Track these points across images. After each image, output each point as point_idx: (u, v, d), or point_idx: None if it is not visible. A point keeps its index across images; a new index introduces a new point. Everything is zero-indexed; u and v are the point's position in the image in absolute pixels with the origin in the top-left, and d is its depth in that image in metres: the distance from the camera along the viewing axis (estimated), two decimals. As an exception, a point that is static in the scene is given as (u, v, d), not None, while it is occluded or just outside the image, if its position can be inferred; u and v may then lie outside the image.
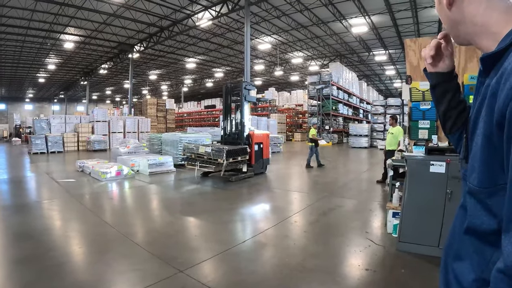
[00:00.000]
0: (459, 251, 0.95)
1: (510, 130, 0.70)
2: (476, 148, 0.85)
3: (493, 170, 0.80)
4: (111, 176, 9.39)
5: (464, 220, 0.94)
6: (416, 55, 4.66)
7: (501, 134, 0.73)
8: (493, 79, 0.80)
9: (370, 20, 20.46)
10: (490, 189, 0.81)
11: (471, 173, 0.87)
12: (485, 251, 0.85)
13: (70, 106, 54.21)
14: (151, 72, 37.82)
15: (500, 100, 0.73)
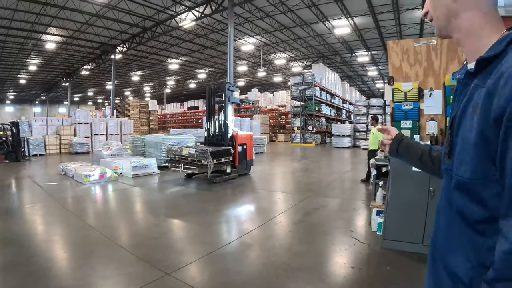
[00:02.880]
0: (449, 244, 1.02)
1: (508, 126, 0.79)
2: (466, 143, 0.92)
3: (485, 162, 0.87)
4: (94, 179, 9.24)
5: (449, 214, 1.01)
6: (398, 57, 4.74)
7: (497, 130, 0.82)
8: (482, 80, 0.91)
9: (353, 22, 20.68)
10: (482, 180, 0.88)
11: (459, 167, 0.95)
12: (477, 240, 0.91)
13: (52, 108, 53.36)
14: (134, 73, 37.50)
15: (500, 99, 0.81)
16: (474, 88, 0.94)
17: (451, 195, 1.00)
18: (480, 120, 0.86)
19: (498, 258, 0.80)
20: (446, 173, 1.05)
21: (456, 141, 0.98)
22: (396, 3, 17.32)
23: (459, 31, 1.02)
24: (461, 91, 1.02)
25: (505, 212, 0.81)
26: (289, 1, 18.24)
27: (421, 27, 20.51)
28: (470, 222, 0.93)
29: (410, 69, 4.67)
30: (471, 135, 0.90)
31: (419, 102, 4.62)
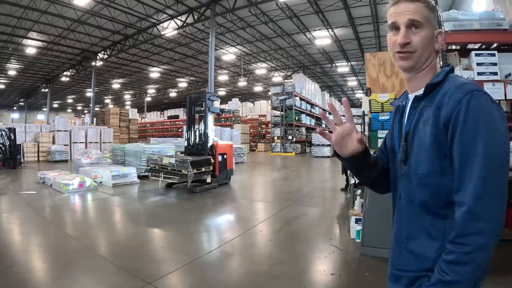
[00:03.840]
0: (414, 233, 1.23)
1: (453, 127, 1.08)
2: (421, 147, 1.18)
3: (439, 158, 1.14)
4: (74, 188, 9.09)
5: (412, 209, 1.24)
6: (375, 69, 4.89)
7: (445, 132, 1.11)
8: (428, 102, 1.20)
9: (333, 33, 21.05)
10: (438, 173, 1.15)
11: (417, 168, 1.20)
12: (440, 224, 1.16)
13: (30, 114, 52.30)
14: (114, 80, 37.16)
15: (447, 110, 1.10)
16: (423, 108, 1.22)
17: (412, 194, 1.24)
18: (433, 128, 1.14)
19: (459, 219, 1.04)
20: (404, 178, 1.27)
21: (411, 150, 1.22)
22: (375, 15, 17.71)
23: (426, 67, 1.27)
24: (410, 112, 1.29)
25: (457, 187, 1.08)
26: (270, 12, 18.46)
27: (399, 39, 20.95)
28: (433, 210, 1.18)
29: (386, 80, 4.83)
30: (426, 140, 1.16)
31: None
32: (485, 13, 5.21)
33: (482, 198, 1.02)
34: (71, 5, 16.61)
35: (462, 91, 1.11)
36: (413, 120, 1.24)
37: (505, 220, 3.41)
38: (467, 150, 1.06)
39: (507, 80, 4.70)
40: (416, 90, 1.29)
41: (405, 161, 1.24)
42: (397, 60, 1.27)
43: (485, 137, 1.05)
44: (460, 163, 1.07)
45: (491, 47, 5.25)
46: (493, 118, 1.08)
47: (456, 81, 1.18)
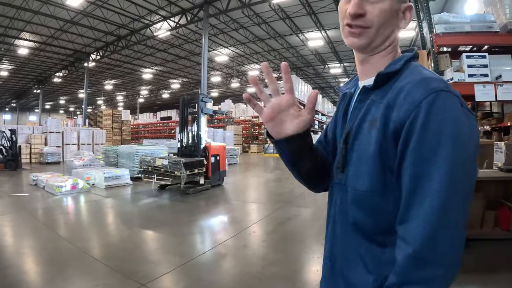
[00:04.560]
0: (348, 256, 1.00)
1: (406, 137, 0.83)
2: (363, 156, 0.93)
3: (383, 173, 0.89)
4: (66, 190, 9.06)
5: (346, 225, 1.01)
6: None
7: (395, 141, 0.86)
8: (379, 96, 0.94)
9: (326, 34, 21.13)
10: (380, 192, 0.90)
11: (357, 181, 0.95)
12: (376, 252, 0.93)
13: (22, 115, 51.90)
14: (107, 82, 37.01)
15: (400, 112, 0.84)
16: (371, 104, 0.96)
17: (346, 208, 1.00)
18: (380, 133, 0.88)
19: (402, 262, 0.81)
20: (339, 187, 1.04)
21: (351, 155, 0.98)
22: (367, 17, 17.80)
23: (384, 49, 1.00)
24: (356, 106, 1.03)
25: (402, 217, 0.84)
26: (263, 13, 18.50)
27: (391, 40, 21.10)
28: (369, 234, 0.94)
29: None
30: (369, 148, 0.91)
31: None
32: (476, 15, 5.29)
33: (434, 241, 0.78)
34: (63, 6, 16.53)
35: (424, 89, 0.83)
36: (357, 117, 0.99)
37: (497, 220, 3.47)
38: (421, 170, 0.81)
39: (497, 81, 4.76)
40: (368, 77, 1.02)
41: (343, 168, 1.00)
42: (346, 35, 0.99)
43: (448, 156, 0.79)
44: (410, 187, 0.82)
45: (482, 49, 5.32)
46: (462, 130, 0.81)
47: (417, 74, 0.90)
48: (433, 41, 4.94)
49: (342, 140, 1.02)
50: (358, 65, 1.06)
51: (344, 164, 1.00)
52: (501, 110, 9.74)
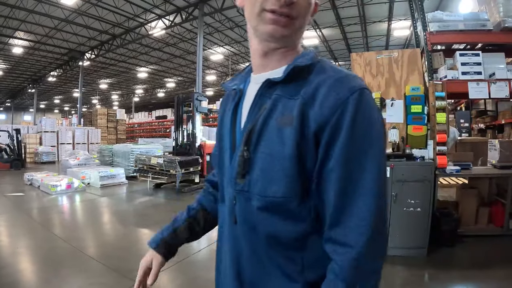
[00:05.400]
0: (262, 272, 0.92)
1: (332, 136, 0.79)
2: (275, 159, 0.84)
3: (299, 177, 0.83)
4: (61, 189, 9.05)
5: (255, 240, 0.92)
6: (361, 68, 4.97)
7: (316, 140, 0.81)
8: (286, 91, 0.87)
9: (321, 33, 21.13)
10: (298, 196, 0.85)
11: (268, 185, 0.86)
12: (295, 258, 0.88)
13: (17, 115, 51.52)
14: (102, 81, 36.82)
15: (325, 109, 0.80)
16: (277, 99, 0.88)
17: (253, 219, 0.91)
18: (297, 132, 0.82)
19: (346, 266, 0.79)
20: (240, 195, 0.92)
21: (256, 157, 0.87)
22: (363, 15, 17.84)
23: (294, 41, 0.94)
24: (256, 102, 0.92)
25: (334, 220, 0.81)
26: (259, 12, 18.45)
27: (387, 39, 21.15)
28: (286, 242, 0.88)
29: (372, 80, 4.90)
30: (283, 149, 0.83)
31: (381, 112, 4.83)
32: (470, 14, 5.34)
33: (374, 239, 0.79)
34: (58, 4, 16.41)
35: (348, 87, 0.82)
36: (260, 115, 0.89)
37: (491, 216, 3.52)
38: (352, 170, 0.79)
39: (491, 79, 4.80)
40: (267, 70, 0.94)
41: (244, 173, 0.90)
42: (267, 22, 0.85)
43: (376, 154, 0.80)
44: (341, 188, 0.80)
45: (476, 47, 5.35)
46: (381, 127, 0.83)
47: (334, 70, 0.88)
48: (427, 39, 4.97)
49: (242, 141, 0.89)
50: (258, 57, 0.96)
51: (246, 169, 0.89)
52: (495, 108, 9.80)
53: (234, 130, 0.96)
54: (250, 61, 1.02)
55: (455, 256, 4.33)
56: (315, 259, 0.87)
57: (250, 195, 0.89)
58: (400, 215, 4.24)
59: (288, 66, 0.88)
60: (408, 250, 4.26)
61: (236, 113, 0.98)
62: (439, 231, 4.45)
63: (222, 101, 1.14)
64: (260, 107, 0.90)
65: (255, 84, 0.96)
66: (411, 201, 4.22)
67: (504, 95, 4.80)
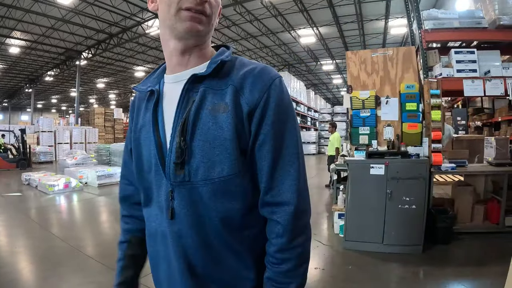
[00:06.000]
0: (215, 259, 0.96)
1: (261, 116, 0.92)
2: (215, 141, 0.91)
3: (240, 155, 0.92)
4: (59, 189, 9.05)
5: (202, 226, 0.94)
6: (356, 66, 4.97)
7: (248, 122, 0.92)
8: (213, 84, 0.95)
9: (318, 31, 21.13)
10: (240, 172, 0.93)
11: (212, 169, 0.91)
12: (244, 235, 0.97)
13: (14, 115, 51.33)
14: (99, 80, 36.72)
15: (254, 94, 0.92)
16: (206, 91, 0.95)
17: (199, 208, 0.94)
18: (233, 116, 0.91)
19: (286, 221, 0.91)
20: (181, 188, 0.94)
21: (194, 146, 0.92)
22: (360, 13, 17.85)
23: (207, 38, 1.02)
24: (183, 97, 0.96)
25: (269, 185, 0.93)
26: (255, 11, 18.46)
27: (384, 37, 21.18)
28: (236, 221, 0.95)
29: (367, 78, 4.91)
30: (222, 133, 0.90)
31: (376, 109, 4.85)
32: (465, 12, 5.35)
33: (302, 194, 0.94)
34: (55, 4, 16.35)
35: (269, 75, 0.95)
36: (191, 106, 0.94)
37: (486, 213, 3.55)
38: (280, 142, 0.93)
39: (486, 77, 4.82)
40: (190, 67, 1.00)
41: (183, 164, 0.93)
42: (185, 19, 0.92)
43: (294, 127, 0.96)
44: (273, 157, 0.92)
45: (471, 45, 5.37)
46: (292, 107, 0.99)
47: (253, 63, 1.00)
48: (422, 37, 4.98)
49: (177, 134, 0.93)
50: (177, 57, 1.00)
51: (183, 158, 0.92)
52: (491, 105, 9.81)
53: (157, 129, 1.00)
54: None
55: (450, 253, 4.35)
56: (257, 232, 0.98)
57: (192, 184, 0.92)
58: (395, 212, 4.26)
59: (212, 61, 0.98)
60: (403, 247, 4.28)
61: (156, 112, 1.01)
62: (435, 228, 4.47)
63: (133, 105, 1.17)
64: (188, 101, 0.95)
65: (174, 82, 1.02)
66: (406, 199, 4.24)
67: (499, 93, 4.82)
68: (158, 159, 0.97)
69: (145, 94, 1.08)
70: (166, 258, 1.01)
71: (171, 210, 0.95)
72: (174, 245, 0.96)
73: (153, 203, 1.02)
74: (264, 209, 0.95)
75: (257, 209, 0.97)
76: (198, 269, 0.96)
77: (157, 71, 1.13)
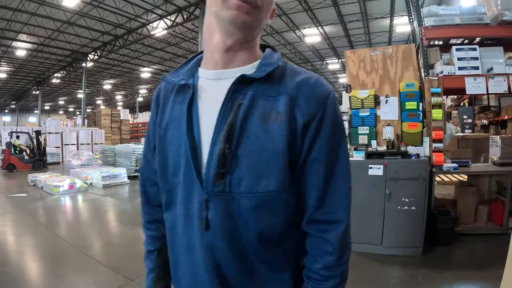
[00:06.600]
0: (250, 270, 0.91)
1: (316, 130, 0.88)
2: (263, 153, 0.84)
3: (286, 171, 0.86)
4: (64, 190, 9.17)
5: (237, 241, 0.88)
6: (355, 65, 4.91)
7: (302, 135, 0.87)
8: (262, 89, 0.88)
9: (323, 30, 21.04)
10: (286, 188, 0.88)
11: (257, 181, 0.85)
12: (283, 249, 0.93)
13: (22, 117, 51.87)
14: (105, 81, 36.96)
15: (312, 106, 0.87)
16: (255, 96, 0.87)
17: (237, 220, 0.87)
18: (287, 128, 0.85)
19: (336, 239, 0.90)
20: (218, 198, 0.87)
21: (241, 154, 0.85)
22: (364, 12, 17.74)
23: (254, 35, 0.95)
24: (228, 98, 0.87)
25: (319, 202, 0.90)
26: (260, 10, 18.42)
27: (389, 35, 21.03)
28: (275, 236, 0.90)
29: (366, 77, 4.84)
30: (272, 144, 0.84)
31: (376, 109, 4.78)
32: (466, 7, 5.24)
33: (349, 211, 0.93)
34: (60, 7, 16.46)
35: (325, 88, 0.91)
36: (239, 111, 0.86)
37: (490, 214, 3.47)
38: (333, 159, 0.90)
39: (489, 74, 4.72)
40: (235, 66, 0.93)
41: (224, 173, 0.85)
42: (231, 7, 0.84)
43: (345, 145, 0.95)
44: (326, 174, 0.89)
45: (474, 41, 5.27)
46: (343, 122, 0.99)
47: (307, 72, 0.95)
48: (422, 35, 4.90)
49: (221, 139, 0.85)
50: (219, 52, 0.92)
51: (226, 168, 0.85)
52: (498, 103, 9.66)
53: (192, 129, 0.90)
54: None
55: (450, 255, 4.27)
56: (295, 246, 0.95)
57: (233, 196, 0.85)
58: (394, 213, 4.19)
59: (264, 63, 0.91)
60: (403, 249, 4.21)
61: (191, 109, 0.92)
62: (436, 230, 4.39)
63: (158, 95, 1.07)
64: (233, 103, 0.87)
65: (214, 80, 0.94)
66: (406, 200, 4.17)
67: (502, 90, 4.72)
68: (192, 164, 0.88)
69: (173, 86, 1.00)
70: (191, 268, 0.94)
71: (205, 221, 0.87)
72: (205, 257, 0.89)
73: (176, 209, 0.95)
74: (310, 226, 0.93)
75: (297, 225, 0.95)
76: (230, 281, 0.90)
77: (189, 63, 1.06)
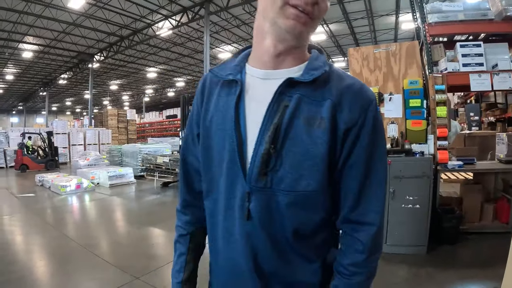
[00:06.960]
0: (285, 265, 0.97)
1: (357, 135, 0.91)
2: (306, 155, 0.89)
3: (325, 173, 0.91)
4: (71, 190, 9.26)
5: (275, 234, 0.94)
6: (358, 63, 4.88)
7: (343, 140, 0.91)
8: (309, 92, 0.91)
9: (328, 29, 20.96)
10: (324, 189, 0.92)
11: (298, 181, 0.89)
12: (316, 243, 0.99)
13: (29, 118, 52.30)
14: (112, 82, 37.12)
15: (354, 112, 0.91)
16: (301, 99, 0.90)
17: (275, 215, 0.93)
18: (329, 132, 0.88)
19: (367, 240, 0.94)
20: (260, 193, 0.92)
21: (284, 155, 0.89)
22: (370, 9, 17.65)
23: (306, 41, 0.98)
24: (276, 99, 0.91)
25: (354, 204, 0.95)
26: (265, 9, 18.37)
27: (395, 32, 20.89)
28: (309, 231, 0.96)
29: (370, 74, 4.81)
30: (315, 149, 0.88)
31: (380, 106, 4.73)
32: (470, 3, 5.18)
33: (382, 215, 0.97)
34: (65, 9, 16.57)
35: (368, 94, 0.94)
36: (284, 113, 0.90)
37: (496, 213, 3.43)
38: (371, 164, 0.93)
39: (493, 70, 4.67)
40: (283, 68, 0.96)
41: (266, 171, 0.90)
42: (288, 16, 0.87)
43: (385, 149, 1.00)
44: (363, 179, 0.93)
45: (479, 38, 5.22)
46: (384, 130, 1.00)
47: (351, 78, 0.98)
48: (426, 31, 4.86)
49: (267, 139, 0.89)
50: (268, 56, 0.95)
51: (269, 166, 0.90)
52: (505, 100, 9.58)
53: (239, 124, 0.94)
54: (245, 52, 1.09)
55: (455, 254, 4.23)
56: (326, 239, 1.01)
57: (274, 192, 0.91)
58: (398, 211, 4.16)
59: (311, 67, 0.94)
60: (407, 248, 4.18)
61: (239, 106, 0.95)
62: (441, 228, 4.36)
63: (203, 86, 1.10)
64: (279, 104, 0.91)
65: (262, 79, 0.97)
66: (410, 198, 4.14)
67: (507, 87, 4.68)
68: (237, 159, 0.92)
69: (219, 79, 1.03)
70: (229, 254, 1.00)
71: (247, 211, 0.93)
72: (244, 244, 0.95)
73: (218, 198, 1.00)
74: (345, 225, 0.99)
75: (330, 221, 1.01)
76: (265, 270, 0.96)
77: (237, 58, 1.07)
